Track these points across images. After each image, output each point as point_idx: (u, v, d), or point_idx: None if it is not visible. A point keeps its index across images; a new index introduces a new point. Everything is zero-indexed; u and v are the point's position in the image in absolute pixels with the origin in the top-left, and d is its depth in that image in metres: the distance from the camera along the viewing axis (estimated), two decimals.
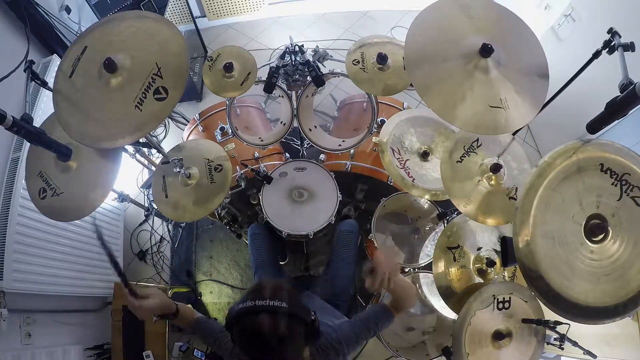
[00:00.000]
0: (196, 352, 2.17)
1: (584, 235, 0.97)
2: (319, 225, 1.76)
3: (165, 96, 1.11)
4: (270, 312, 0.83)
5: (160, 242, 2.60)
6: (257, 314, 0.83)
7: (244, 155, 2.17)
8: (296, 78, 1.76)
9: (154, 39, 1.16)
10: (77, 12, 2.48)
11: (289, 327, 0.83)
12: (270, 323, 0.82)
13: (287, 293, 0.88)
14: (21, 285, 1.69)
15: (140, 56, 1.14)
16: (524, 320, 1.30)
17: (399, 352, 1.81)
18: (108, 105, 1.14)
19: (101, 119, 1.14)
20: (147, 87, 1.11)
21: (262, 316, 0.83)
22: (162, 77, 1.11)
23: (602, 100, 1.01)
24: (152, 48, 1.15)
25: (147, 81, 1.11)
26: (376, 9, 3.41)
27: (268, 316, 0.82)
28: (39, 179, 1.34)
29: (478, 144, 1.47)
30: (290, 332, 0.84)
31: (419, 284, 2.10)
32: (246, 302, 0.85)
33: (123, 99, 1.12)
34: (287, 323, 0.83)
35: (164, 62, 1.12)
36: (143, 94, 1.11)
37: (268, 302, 0.84)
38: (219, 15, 3.34)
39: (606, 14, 2.01)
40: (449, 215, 1.83)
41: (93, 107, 1.15)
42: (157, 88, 1.11)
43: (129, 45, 1.16)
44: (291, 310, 0.85)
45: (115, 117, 1.13)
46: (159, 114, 1.11)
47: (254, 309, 0.84)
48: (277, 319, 0.82)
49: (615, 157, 0.99)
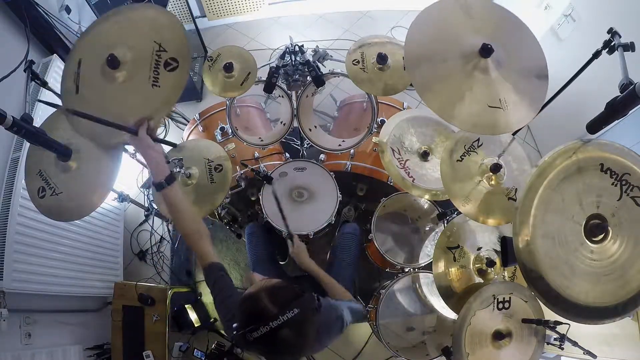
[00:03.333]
0: (196, 352, 2.17)
1: (584, 235, 0.97)
2: (319, 225, 1.76)
3: (177, 64, 1.13)
4: (289, 325, 0.81)
5: (160, 242, 2.60)
6: (276, 334, 0.80)
7: (244, 155, 2.17)
8: (296, 78, 1.76)
9: (142, 23, 1.19)
10: (77, 12, 2.47)
11: (307, 325, 0.84)
12: (294, 334, 0.81)
13: (289, 295, 0.85)
14: (21, 285, 1.69)
15: (137, 43, 1.16)
16: (524, 320, 1.30)
17: (399, 352, 1.81)
18: (126, 97, 1.15)
19: (126, 112, 1.14)
20: (156, 65, 1.13)
21: (282, 332, 0.80)
22: (166, 51, 1.13)
23: (602, 100, 1.00)
24: (144, 31, 1.17)
25: (154, 60, 1.13)
26: (376, 9, 3.41)
27: (289, 330, 0.81)
28: (38, 177, 1.34)
29: (479, 143, 1.47)
30: (309, 327, 0.85)
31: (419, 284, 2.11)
32: (258, 330, 0.80)
33: (138, 84, 1.14)
34: (307, 323, 0.84)
35: (161, 38, 1.14)
36: (155, 72, 1.13)
37: (280, 318, 0.80)
38: (219, 15, 3.34)
39: (606, 14, 2.01)
40: (449, 215, 1.83)
41: (113, 106, 1.15)
42: (165, 61, 1.13)
43: (122, 39, 1.17)
44: (305, 311, 0.84)
45: (137, 104, 1.14)
46: (179, 82, 1.13)
47: (272, 332, 0.80)
48: (298, 326, 0.82)
49: (615, 157, 0.99)
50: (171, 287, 2.25)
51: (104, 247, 2.33)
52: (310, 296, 0.88)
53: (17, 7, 1.96)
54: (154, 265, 2.53)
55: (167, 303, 2.04)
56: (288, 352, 0.85)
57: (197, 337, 2.26)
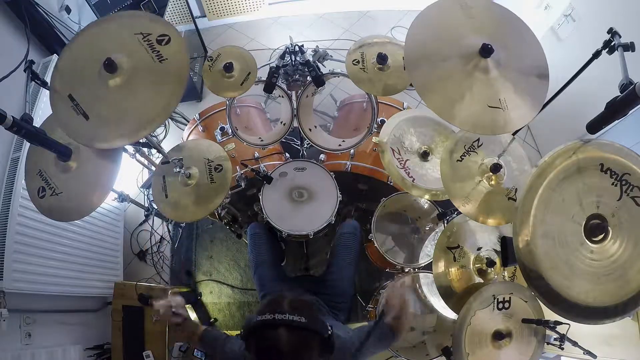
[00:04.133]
0: (196, 352, 2.17)
1: (584, 235, 0.97)
2: (319, 225, 1.76)
3: (168, 36, 1.18)
4: (289, 326, 0.83)
5: (160, 242, 2.60)
6: (276, 328, 0.83)
7: (244, 155, 2.17)
8: (296, 78, 1.76)
9: (118, 30, 1.23)
10: (77, 12, 2.48)
11: (306, 342, 0.84)
12: (288, 337, 0.82)
13: (306, 307, 0.88)
14: (21, 285, 1.69)
15: (122, 43, 1.20)
16: (524, 320, 1.30)
17: (399, 352, 1.80)
18: (140, 91, 1.17)
19: (148, 104, 1.16)
20: (151, 47, 1.18)
21: (280, 330, 0.82)
22: (150, 33, 1.18)
23: (602, 100, 1.00)
24: (124, 35, 1.21)
25: (145, 46, 1.18)
26: (376, 9, 3.41)
27: (286, 330, 0.83)
28: (38, 177, 1.34)
29: (479, 143, 1.47)
30: (307, 347, 0.85)
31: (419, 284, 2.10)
32: (265, 315, 0.85)
33: (146, 74, 1.17)
34: (305, 338, 0.84)
35: (140, 29, 1.19)
36: (154, 51, 1.17)
37: (287, 316, 0.83)
38: (219, 15, 3.34)
39: (606, 14, 2.01)
40: (449, 215, 1.83)
41: (131, 107, 1.16)
42: (156, 39, 1.18)
43: (106, 47, 1.19)
44: (310, 326, 0.85)
45: (155, 91, 1.17)
46: (180, 48, 1.18)
47: (273, 322, 0.83)
48: (296, 334, 0.83)
49: (615, 157, 0.99)
50: (171, 287, 2.26)
51: (104, 247, 2.34)
52: (324, 324, 0.90)
53: (17, 7, 1.96)
54: (154, 265, 2.53)
55: None
56: (276, 358, 0.84)
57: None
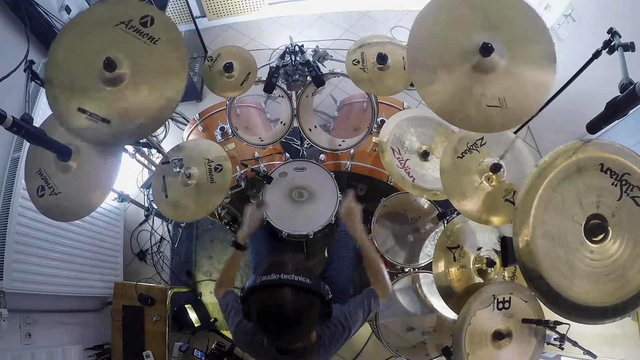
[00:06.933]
0: (196, 352, 2.17)
1: (584, 235, 0.97)
2: (319, 225, 1.76)
3: (150, 16, 1.19)
4: (295, 286, 0.84)
5: (160, 242, 2.59)
6: (280, 287, 0.84)
7: (244, 155, 2.17)
8: (296, 78, 1.77)
9: (96, 30, 1.22)
10: (77, 12, 2.47)
11: (309, 303, 0.86)
12: (292, 298, 0.83)
13: (309, 270, 0.89)
14: (21, 285, 1.69)
15: (108, 37, 1.20)
16: (524, 320, 1.30)
17: (399, 352, 1.81)
18: (148, 83, 1.18)
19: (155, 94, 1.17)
20: (137, 31, 1.18)
21: (285, 290, 0.84)
22: (131, 19, 1.19)
23: (602, 100, 1.01)
24: (108, 34, 1.20)
25: (131, 33, 1.18)
26: (376, 9, 3.41)
27: (291, 290, 0.84)
28: (37, 176, 1.34)
29: (482, 142, 1.46)
30: (308, 309, 0.86)
31: (419, 284, 2.11)
32: (270, 275, 0.85)
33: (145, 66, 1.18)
34: (308, 300, 0.85)
35: (119, 18, 1.19)
36: (143, 36, 1.18)
37: (293, 276, 0.85)
38: (219, 15, 3.34)
39: (606, 14, 2.01)
40: (449, 215, 1.83)
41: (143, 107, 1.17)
42: (140, 24, 1.19)
43: (92, 49, 1.19)
44: (314, 287, 0.86)
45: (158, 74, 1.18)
46: (166, 21, 1.20)
47: (279, 282, 0.84)
48: (300, 294, 0.84)
49: (615, 157, 0.99)
50: (171, 287, 2.25)
51: (104, 247, 2.33)
52: (326, 288, 0.91)
53: (17, 7, 1.96)
54: (154, 265, 2.52)
55: (167, 303, 2.04)
56: (278, 318, 0.85)
57: (197, 337, 2.26)
